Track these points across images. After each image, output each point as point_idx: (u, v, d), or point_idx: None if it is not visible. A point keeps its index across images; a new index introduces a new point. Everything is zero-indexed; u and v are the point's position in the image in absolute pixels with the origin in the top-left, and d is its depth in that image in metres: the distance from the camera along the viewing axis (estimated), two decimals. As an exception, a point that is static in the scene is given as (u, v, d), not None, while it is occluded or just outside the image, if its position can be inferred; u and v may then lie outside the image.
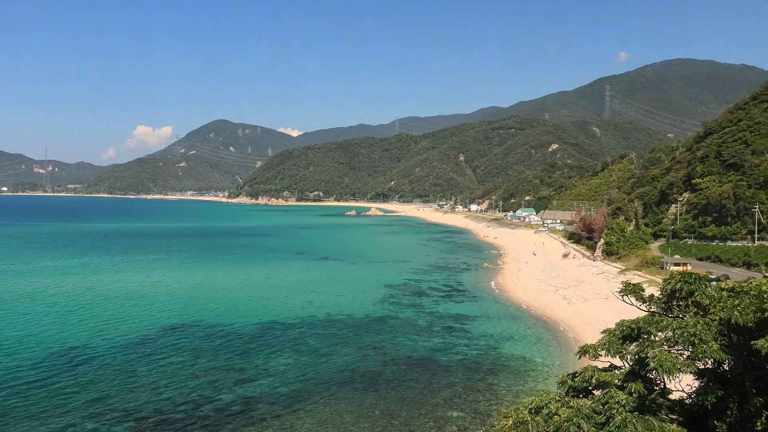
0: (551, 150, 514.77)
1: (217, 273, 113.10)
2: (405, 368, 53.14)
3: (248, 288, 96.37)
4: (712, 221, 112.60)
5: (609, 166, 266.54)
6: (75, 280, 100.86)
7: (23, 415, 40.74)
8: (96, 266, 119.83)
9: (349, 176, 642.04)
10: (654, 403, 19.06)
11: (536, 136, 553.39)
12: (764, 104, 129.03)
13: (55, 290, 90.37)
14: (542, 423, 20.39)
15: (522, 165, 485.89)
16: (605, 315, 62.02)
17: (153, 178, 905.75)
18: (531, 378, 50.41)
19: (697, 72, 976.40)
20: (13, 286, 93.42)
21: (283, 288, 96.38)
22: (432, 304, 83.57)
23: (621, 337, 21.01)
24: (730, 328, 17.76)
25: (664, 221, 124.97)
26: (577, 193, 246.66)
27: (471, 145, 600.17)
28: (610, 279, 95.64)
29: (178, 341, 61.57)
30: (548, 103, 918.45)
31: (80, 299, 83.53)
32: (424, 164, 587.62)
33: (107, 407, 42.59)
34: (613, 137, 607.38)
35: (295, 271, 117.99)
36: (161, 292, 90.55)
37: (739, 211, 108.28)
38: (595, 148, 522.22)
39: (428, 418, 41.38)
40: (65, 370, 51.14)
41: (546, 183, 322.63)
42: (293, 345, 60.84)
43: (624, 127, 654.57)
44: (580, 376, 23.16)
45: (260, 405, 43.61)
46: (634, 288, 23.56)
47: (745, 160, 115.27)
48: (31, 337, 62.03)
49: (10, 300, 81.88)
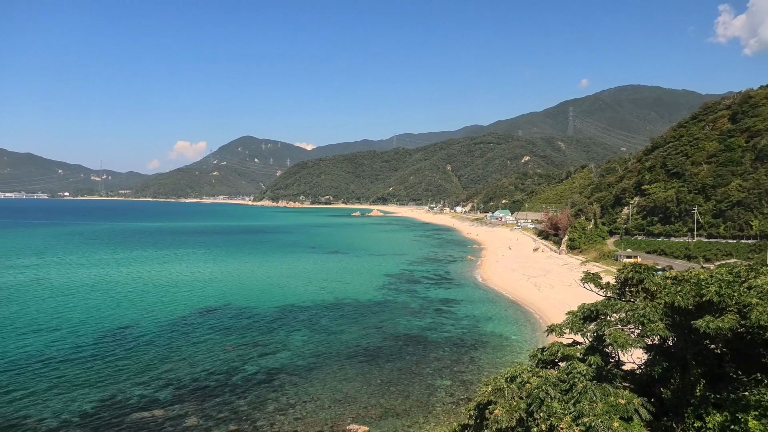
0: (524, 161, 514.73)
1: (245, 264, 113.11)
2: (401, 344, 53.20)
3: (271, 277, 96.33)
4: (659, 221, 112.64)
5: (572, 174, 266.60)
6: (128, 270, 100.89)
7: (84, 384, 40.82)
8: (145, 259, 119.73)
9: (355, 183, 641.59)
10: (610, 373, 19.09)
11: (511, 150, 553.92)
12: (701, 123, 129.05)
13: (111, 279, 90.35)
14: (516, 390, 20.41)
15: (499, 174, 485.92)
16: (569, 299, 62.02)
17: (190, 184, 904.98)
18: (507, 352, 50.44)
19: (646, 96, 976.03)
20: (76, 275, 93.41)
21: (300, 276, 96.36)
22: (424, 290, 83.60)
23: (582, 318, 21.04)
24: (673, 311, 17.79)
25: (618, 221, 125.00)
26: (546, 197, 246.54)
27: (457, 157, 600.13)
28: (573, 269, 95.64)
29: (212, 321, 61.60)
30: (521, 122, 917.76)
31: (132, 286, 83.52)
32: (417, 173, 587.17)
33: (152, 376, 42.67)
34: (576, 150, 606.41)
35: (309, 262, 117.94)
36: (199, 280, 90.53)
37: (680, 212, 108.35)
38: (560, 160, 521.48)
39: (421, 386, 41.41)
40: (118, 345, 51.23)
41: (519, 189, 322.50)
42: (308, 324, 60.90)
43: (585, 142, 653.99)
44: (548, 350, 23.20)
45: (280, 375, 43.65)
46: (593, 277, 23.61)
47: (685, 170, 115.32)
48: (91, 318, 62.11)
49: (74, 287, 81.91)
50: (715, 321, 15.62)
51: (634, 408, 15.71)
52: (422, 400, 38.54)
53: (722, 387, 17.38)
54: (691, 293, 16.97)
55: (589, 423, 15.25)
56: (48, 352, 48.69)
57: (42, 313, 63.90)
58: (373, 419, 35.17)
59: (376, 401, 38.25)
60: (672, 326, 18.05)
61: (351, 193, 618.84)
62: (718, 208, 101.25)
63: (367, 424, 34.40)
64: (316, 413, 36.07)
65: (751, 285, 17.54)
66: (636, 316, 18.24)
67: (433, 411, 36.56)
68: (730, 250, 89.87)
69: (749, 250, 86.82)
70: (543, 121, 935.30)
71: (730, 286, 17.00)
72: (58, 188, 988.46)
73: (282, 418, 35.23)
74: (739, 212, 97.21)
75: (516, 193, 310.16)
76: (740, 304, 16.03)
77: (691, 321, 16.80)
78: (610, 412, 15.47)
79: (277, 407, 36.95)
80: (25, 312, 64.54)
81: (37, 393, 38.75)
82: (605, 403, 15.97)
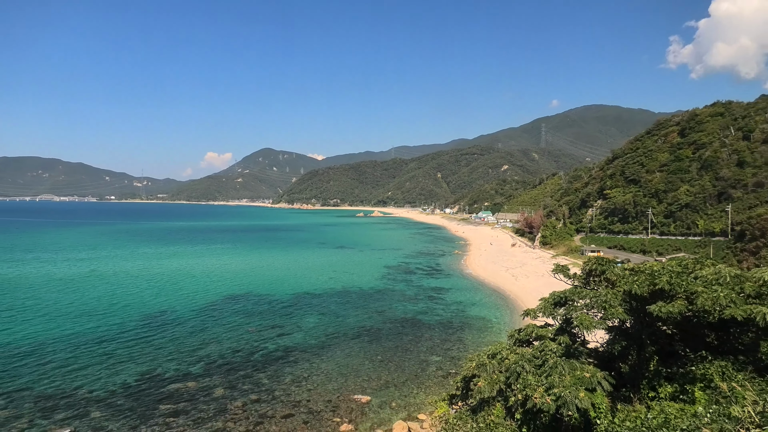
0: (503, 169, 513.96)
1: (265, 257, 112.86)
2: (398, 326, 53.13)
3: (286, 268, 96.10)
4: (618, 220, 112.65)
5: (544, 181, 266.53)
6: (166, 262, 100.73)
7: (128, 360, 40.78)
8: (181, 253, 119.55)
9: (359, 188, 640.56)
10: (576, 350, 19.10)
11: (492, 160, 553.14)
12: (655, 137, 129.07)
13: (152, 270, 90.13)
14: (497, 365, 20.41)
15: (482, 180, 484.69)
16: (541, 288, 61.97)
17: (218, 189, 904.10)
18: (489, 333, 50.36)
19: (607, 114, 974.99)
20: (123, 267, 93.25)
21: (311, 268, 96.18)
22: (418, 280, 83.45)
23: (553, 304, 21.05)
24: (630, 297, 17.81)
25: (583, 220, 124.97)
26: (522, 200, 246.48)
27: (446, 166, 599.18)
28: (545, 262, 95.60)
29: (237, 306, 61.53)
30: (501, 136, 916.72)
31: (170, 277, 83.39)
32: (412, 180, 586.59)
33: (186, 353, 42.62)
34: (547, 161, 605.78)
35: (319, 256, 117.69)
36: (227, 271, 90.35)
37: (637, 213, 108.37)
38: (534, 168, 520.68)
39: (415, 362, 41.36)
40: (156, 327, 51.17)
41: (499, 193, 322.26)
42: (319, 309, 60.80)
43: (555, 153, 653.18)
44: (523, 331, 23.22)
45: (295, 352, 43.60)
46: (562, 268, 23.63)
47: (641, 177, 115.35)
48: (134, 304, 62.04)
49: (121, 277, 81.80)
50: (667, 306, 15.65)
51: (597, 380, 15.74)
52: (416, 373, 38.50)
53: (672, 362, 17.40)
54: (646, 282, 17.00)
55: (559, 393, 15.28)
56: (98, 333, 48.65)
57: (94, 300, 63.85)
58: (374, 390, 35.14)
59: (376, 375, 38.21)
60: (629, 310, 18.08)
61: (355, 196, 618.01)
62: (669, 210, 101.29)
63: (369, 394, 34.37)
64: (325, 385, 36.04)
65: (697, 275, 17.58)
66: (599, 302, 18.27)
67: (426, 383, 36.52)
68: (679, 246, 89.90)
69: (695, 246, 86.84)
70: (519, 135, 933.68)
71: (679, 276, 17.04)
72: (105, 193, 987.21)
73: (296, 389, 35.20)
74: (687, 213, 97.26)
75: (496, 197, 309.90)
76: (688, 291, 16.06)
77: (646, 306, 16.84)
78: (576, 384, 15.50)
79: (293, 379, 36.92)
80: (81, 299, 64.50)
81: (89, 367, 38.72)
82: (573, 377, 16.00)
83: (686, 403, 14.09)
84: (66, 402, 32.31)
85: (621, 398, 16.85)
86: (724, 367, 14.93)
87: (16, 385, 34.96)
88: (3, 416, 30.17)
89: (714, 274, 17.19)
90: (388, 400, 33.38)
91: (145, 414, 30.73)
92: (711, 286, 16.05)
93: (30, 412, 30.84)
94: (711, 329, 17.15)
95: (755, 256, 63.95)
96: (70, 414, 30.61)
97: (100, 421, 29.80)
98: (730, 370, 14.77)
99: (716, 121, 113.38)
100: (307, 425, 29.72)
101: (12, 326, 50.26)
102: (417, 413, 31.34)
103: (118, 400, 32.71)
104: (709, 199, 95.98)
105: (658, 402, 14.87)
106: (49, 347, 43.70)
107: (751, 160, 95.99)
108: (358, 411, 31.73)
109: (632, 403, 16.34)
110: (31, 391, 34.09)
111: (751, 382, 13.32)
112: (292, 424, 29.77)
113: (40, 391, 33.95)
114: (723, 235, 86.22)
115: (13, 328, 49.59)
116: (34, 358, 40.71)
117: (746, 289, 16.32)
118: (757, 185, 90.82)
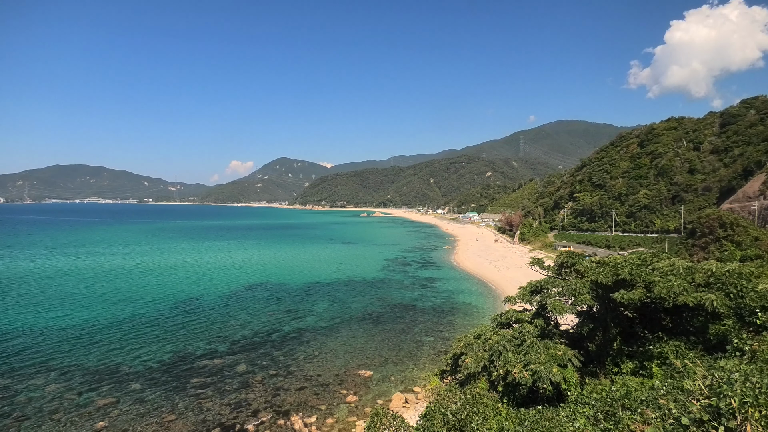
0: (487, 176, 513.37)
1: (281, 251, 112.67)
2: (397, 311, 53.09)
3: (300, 260, 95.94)
4: (586, 220, 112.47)
5: (523, 186, 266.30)
6: (200, 255, 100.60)
7: (162, 340, 40.80)
8: (211, 247, 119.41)
9: (362, 192, 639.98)
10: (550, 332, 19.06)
11: (478, 167, 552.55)
12: (617, 148, 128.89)
13: (187, 262, 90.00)
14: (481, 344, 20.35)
15: (469, 185, 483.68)
16: (520, 278, 61.97)
17: (241, 193, 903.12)
18: (474, 317, 50.31)
19: (577, 128, 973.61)
20: (162, 260, 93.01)
21: (321, 260, 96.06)
22: (413, 271, 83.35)
23: (530, 291, 21.00)
24: (597, 286, 17.78)
25: (556, 220, 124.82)
26: (503, 202, 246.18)
27: (438, 173, 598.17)
28: (523, 255, 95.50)
29: (258, 294, 61.52)
30: (485, 147, 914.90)
31: (202, 268, 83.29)
32: (408, 185, 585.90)
33: (213, 334, 42.62)
34: (525, 168, 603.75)
35: (328, 250, 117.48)
36: (250, 263, 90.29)
37: (602, 213, 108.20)
38: (514, 175, 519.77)
39: (411, 342, 41.33)
40: (187, 312, 51.18)
41: (484, 196, 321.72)
42: (328, 296, 60.76)
43: (532, 162, 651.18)
44: (505, 315, 23.17)
45: (308, 333, 43.59)
46: (538, 261, 23.59)
47: (606, 182, 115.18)
48: (170, 292, 61.96)
49: (160, 269, 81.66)
50: (628, 293, 15.63)
51: (568, 358, 15.72)
52: (412, 352, 38.46)
53: (633, 342, 17.38)
54: (610, 273, 16.97)
55: (535, 369, 15.26)
56: (137, 316, 48.68)
57: (135, 287, 63.92)
58: (375, 366, 35.11)
59: (377, 353, 38.17)
60: (596, 297, 18.05)
61: (360, 199, 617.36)
62: (630, 211, 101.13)
63: (371, 369, 34.34)
64: (333, 361, 36.02)
65: (654, 267, 17.55)
66: (570, 290, 18.24)
67: (420, 360, 36.49)
68: (639, 242, 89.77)
69: (653, 242, 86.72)
70: (501, 146, 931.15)
71: (639, 268, 17.01)
72: (143, 196, 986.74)
73: (308, 365, 35.18)
74: (646, 214, 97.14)
75: (481, 199, 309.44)
76: (646, 281, 16.04)
77: (610, 294, 16.81)
78: (550, 361, 15.48)
79: (305, 357, 36.90)
80: (125, 286, 64.54)
81: (128, 346, 38.72)
82: (547, 354, 15.98)
83: (645, 377, 14.05)
84: (110, 377, 32.31)
85: (589, 373, 16.83)
86: (678, 347, 14.91)
87: (68, 362, 34.98)
88: (56, 389, 30.18)
89: (669, 266, 17.17)
90: (387, 375, 33.35)
91: (177, 386, 30.72)
92: (666, 277, 16.04)
93: (79, 384, 30.85)
94: (666, 313, 17.13)
95: (704, 250, 63.85)
96: (114, 386, 30.61)
97: (139, 392, 29.80)
98: (683, 348, 14.75)
99: (671, 134, 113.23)
100: (317, 396, 29.70)
101: (71, 312, 50.27)
102: (413, 386, 31.33)
103: (155, 374, 32.71)
104: (665, 202, 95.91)
105: (621, 376, 14.83)
106: (99, 329, 43.71)
107: (701, 168, 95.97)
108: (361, 384, 31.70)
109: (598, 377, 16.31)
110: (80, 366, 34.10)
111: (701, 359, 13.27)
112: (304, 396, 29.75)
113: (88, 368, 33.95)
114: (677, 232, 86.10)
115: (72, 314, 49.54)
116: (86, 339, 40.72)
117: (696, 279, 16.31)
118: (705, 189, 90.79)
